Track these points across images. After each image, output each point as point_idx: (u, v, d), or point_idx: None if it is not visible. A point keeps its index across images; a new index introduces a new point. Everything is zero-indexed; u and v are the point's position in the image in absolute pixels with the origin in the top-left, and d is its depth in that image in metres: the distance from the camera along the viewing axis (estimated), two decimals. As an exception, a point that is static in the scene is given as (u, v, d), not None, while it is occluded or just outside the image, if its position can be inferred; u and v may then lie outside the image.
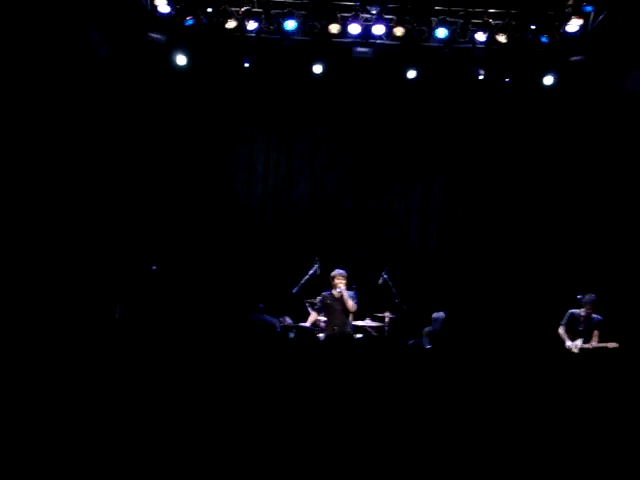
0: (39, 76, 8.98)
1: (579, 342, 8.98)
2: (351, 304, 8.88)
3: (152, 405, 4.53)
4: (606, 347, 8.82)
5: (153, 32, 10.19)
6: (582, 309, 9.14)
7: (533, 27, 10.19)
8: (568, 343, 9.09)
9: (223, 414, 4.43)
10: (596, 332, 9.04)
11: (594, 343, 8.96)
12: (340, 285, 8.87)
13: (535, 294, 10.79)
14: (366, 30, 10.26)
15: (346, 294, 8.88)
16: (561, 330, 9.26)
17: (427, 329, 9.63)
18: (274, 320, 9.10)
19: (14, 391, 4.44)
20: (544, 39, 10.27)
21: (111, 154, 10.63)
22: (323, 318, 9.29)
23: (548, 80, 10.70)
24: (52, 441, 4.03)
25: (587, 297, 9.11)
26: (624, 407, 4.86)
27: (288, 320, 9.75)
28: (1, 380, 4.54)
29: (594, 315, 9.09)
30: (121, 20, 10.27)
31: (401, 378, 5.08)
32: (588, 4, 9.80)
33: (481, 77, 10.74)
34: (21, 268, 8.58)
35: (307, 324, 9.29)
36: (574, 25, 9.98)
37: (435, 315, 9.50)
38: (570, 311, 9.26)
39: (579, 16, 9.93)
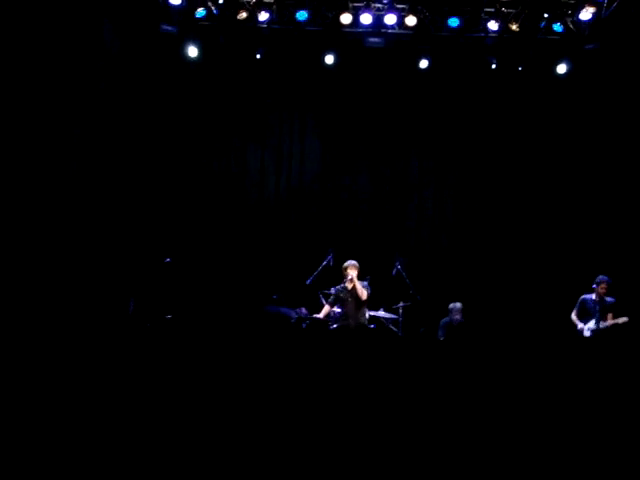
0: (52, 70, 8.98)
1: (591, 324, 8.91)
2: (363, 292, 8.89)
3: (165, 398, 4.54)
4: (617, 323, 8.78)
5: (164, 24, 10.18)
6: (593, 293, 9.10)
7: (546, 15, 10.13)
8: (580, 326, 9.06)
9: (234, 406, 4.44)
10: (610, 314, 8.94)
11: (606, 323, 8.87)
12: (352, 274, 8.89)
13: (552, 283, 10.71)
14: (378, 20, 10.23)
15: (358, 283, 8.90)
16: (573, 316, 9.23)
17: (444, 320, 9.61)
18: (289, 311, 9.13)
19: (23, 385, 4.45)
20: (557, 27, 10.21)
21: (124, 148, 10.63)
22: (337, 309, 9.29)
23: (561, 68, 10.66)
24: (60, 437, 4.04)
25: (598, 279, 9.05)
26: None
27: (304, 311, 9.75)
28: (11, 374, 4.55)
29: (607, 297, 9.00)
30: (133, 12, 10.26)
31: (413, 370, 5.06)
32: (602, -9, 9.75)
33: (494, 66, 10.72)
34: (34, 263, 8.60)
35: (320, 316, 9.29)
36: (587, 13, 9.90)
37: (452, 305, 9.47)
38: (581, 297, 9.22)
39: (592, 4, 9.87)
